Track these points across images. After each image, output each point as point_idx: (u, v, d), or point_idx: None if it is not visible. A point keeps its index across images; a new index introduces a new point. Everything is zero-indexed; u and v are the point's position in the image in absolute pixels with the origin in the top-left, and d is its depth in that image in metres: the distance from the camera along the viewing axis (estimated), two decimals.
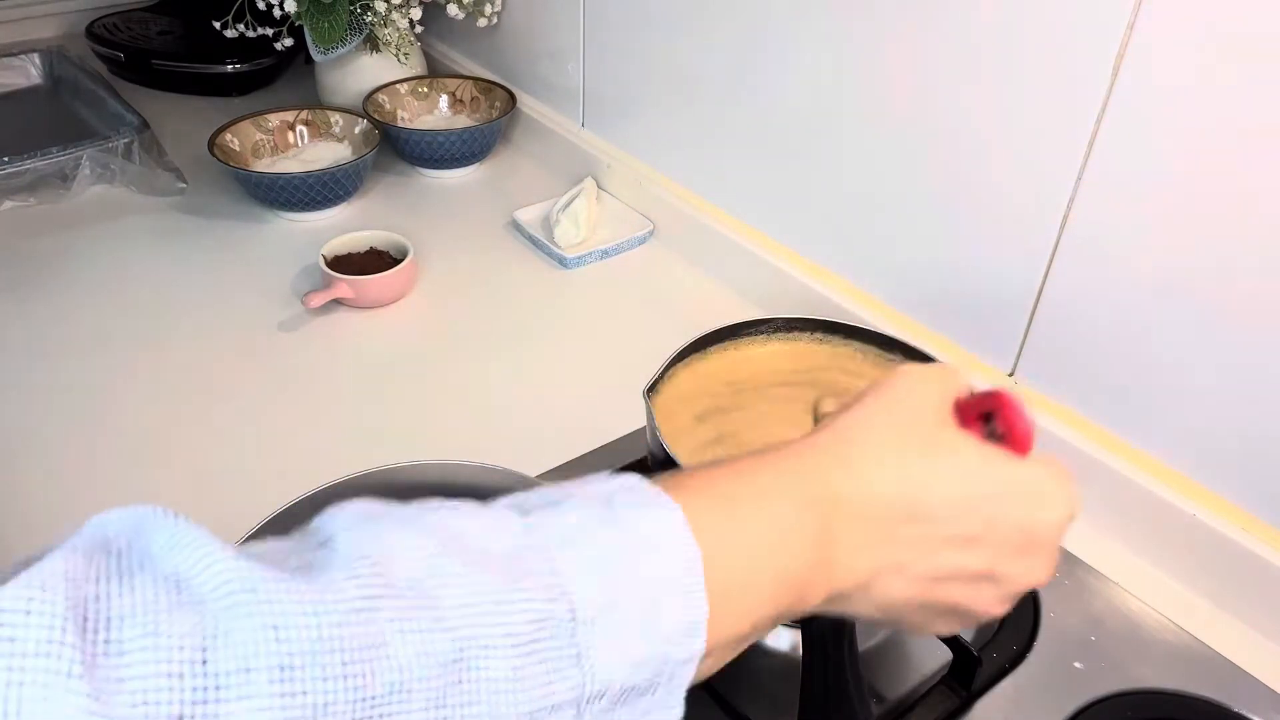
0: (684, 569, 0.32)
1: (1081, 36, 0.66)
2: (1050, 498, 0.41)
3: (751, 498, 0.36)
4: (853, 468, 0.38)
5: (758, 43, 0.89)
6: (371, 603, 0.27)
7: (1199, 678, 0.64)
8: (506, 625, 0.29)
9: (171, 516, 0.29)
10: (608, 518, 0.32)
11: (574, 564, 0.31)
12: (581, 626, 0.30)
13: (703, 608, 0.32)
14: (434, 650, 0.27)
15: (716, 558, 0.33)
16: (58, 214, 1.09)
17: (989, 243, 0.77)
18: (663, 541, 0.32)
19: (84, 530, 0.29)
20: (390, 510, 0.32)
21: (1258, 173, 0.60)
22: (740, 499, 0.36)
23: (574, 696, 0.30)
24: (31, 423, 0.82)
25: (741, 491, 0.36)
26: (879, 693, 0.63)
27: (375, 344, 0.93)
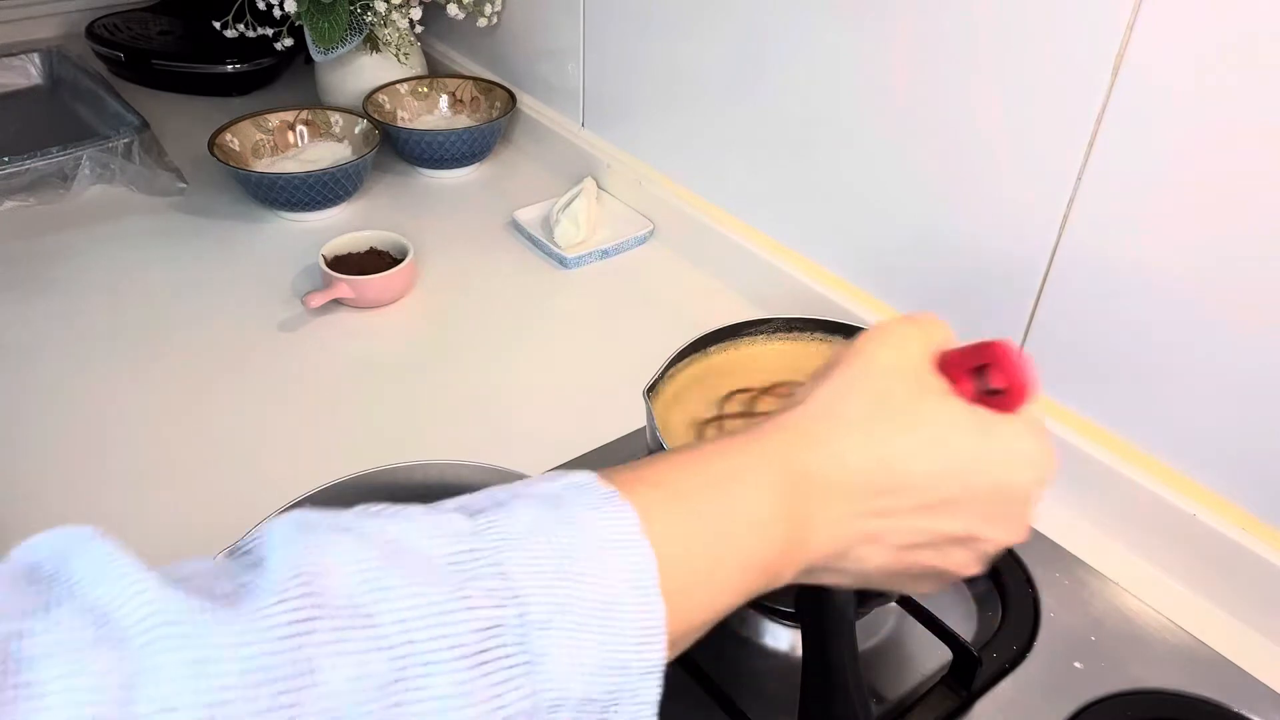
0: (638, 571, 0.31)
1: (1081, 36, 0.66)
2: (1027, 459, 0.40)
3: (713, 487, 0.35)
4: (822, 445, 0.38)
5: (758, 43, 0.89)
6: (303, 626, 0.26)
7: (1199, 678, 0.64)
8: (451, 637, 0.27)
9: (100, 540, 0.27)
10: (559, 518, 0.31)
11: (524, 566, 0.29)
12: (534, 630, 0.28)
13: (659, 611, 0.31)
14: (370, 673, 0.26)
15: (674, 555, 0.32)
16: (58, 214, 1.09)
17: (989, 243, 0.77)
18: (615, 544, 0.31)
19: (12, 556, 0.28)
20: (326, 519, 0.30)
21: (1258, 172, 0.60)
22: (700, 491, 0.35)
23: (528, 707, 0.28)
24: (31, 422, 0.82)
25: (702, 482, 0.35)
26: (879, 693, 0.63)
27: (375, 344, 0.93)
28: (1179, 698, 0.63)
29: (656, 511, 0.33)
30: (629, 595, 0.30)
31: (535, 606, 0.29)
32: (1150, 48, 0.63)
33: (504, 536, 0.30)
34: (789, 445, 0.37)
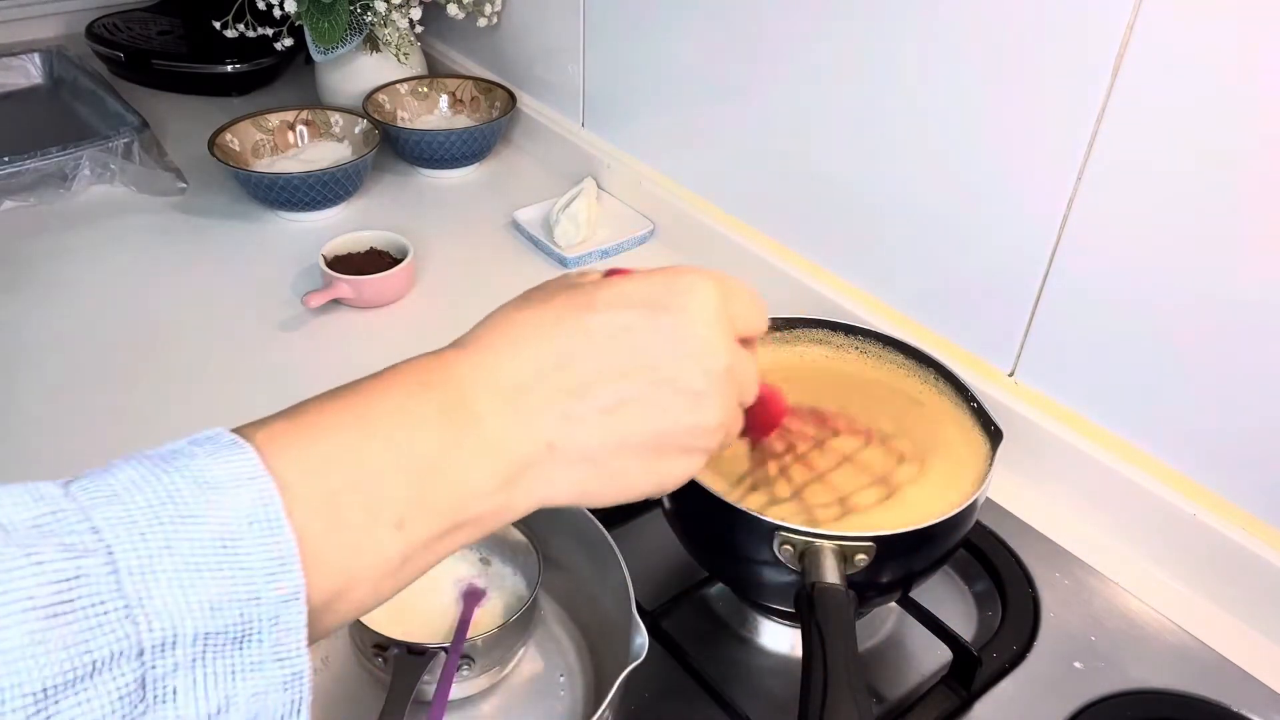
0: (258, 504, 0.31)
1: (1081, 37, 0.66)
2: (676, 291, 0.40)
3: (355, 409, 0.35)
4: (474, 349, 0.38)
5: (758, 43, 0.89)
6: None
7: (1199, 678, 0.64)
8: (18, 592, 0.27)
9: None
10: (166, 469, 0.31)
11: (117, 518, 0.29)
12: (128, 576, 0.28)
13: (288, 541, 0.31)
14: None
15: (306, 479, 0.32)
16: (58, 214, 1.09)
17: (989, 242, 0.77)
18: (230, 483, 0.31)
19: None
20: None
21: (1258, 172, 0.60)
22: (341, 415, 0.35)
23: (125, 648, 0.28)
24: (31, 422, 0.82)
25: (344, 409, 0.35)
26: (879, 693, 0.63)
27: (375, 344, 0.93)
28: (1179, 698, 0.63)
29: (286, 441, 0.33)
30: (249, 530, 0.30)
31: (128, 553, 0.29)
32: (1150, 48, 0.62)
33: (96, 494, 0.30)
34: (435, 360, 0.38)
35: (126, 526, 0.29)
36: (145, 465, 0.31)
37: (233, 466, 0.31)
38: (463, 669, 0.58)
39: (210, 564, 0.30)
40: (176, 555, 0.29)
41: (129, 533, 0.29)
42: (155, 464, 0.31)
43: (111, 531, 0.29)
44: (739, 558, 0.58)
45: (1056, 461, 0.76)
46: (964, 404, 0.64)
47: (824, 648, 0.48)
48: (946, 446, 0.61)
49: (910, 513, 0.56)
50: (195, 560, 0.29)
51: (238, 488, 0.31)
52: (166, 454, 0.32)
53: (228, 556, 0.30)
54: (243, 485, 0.31)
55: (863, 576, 0.54)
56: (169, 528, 0.29)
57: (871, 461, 0.60)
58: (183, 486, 0.30)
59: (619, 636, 0.56)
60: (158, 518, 0.29)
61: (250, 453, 0.32)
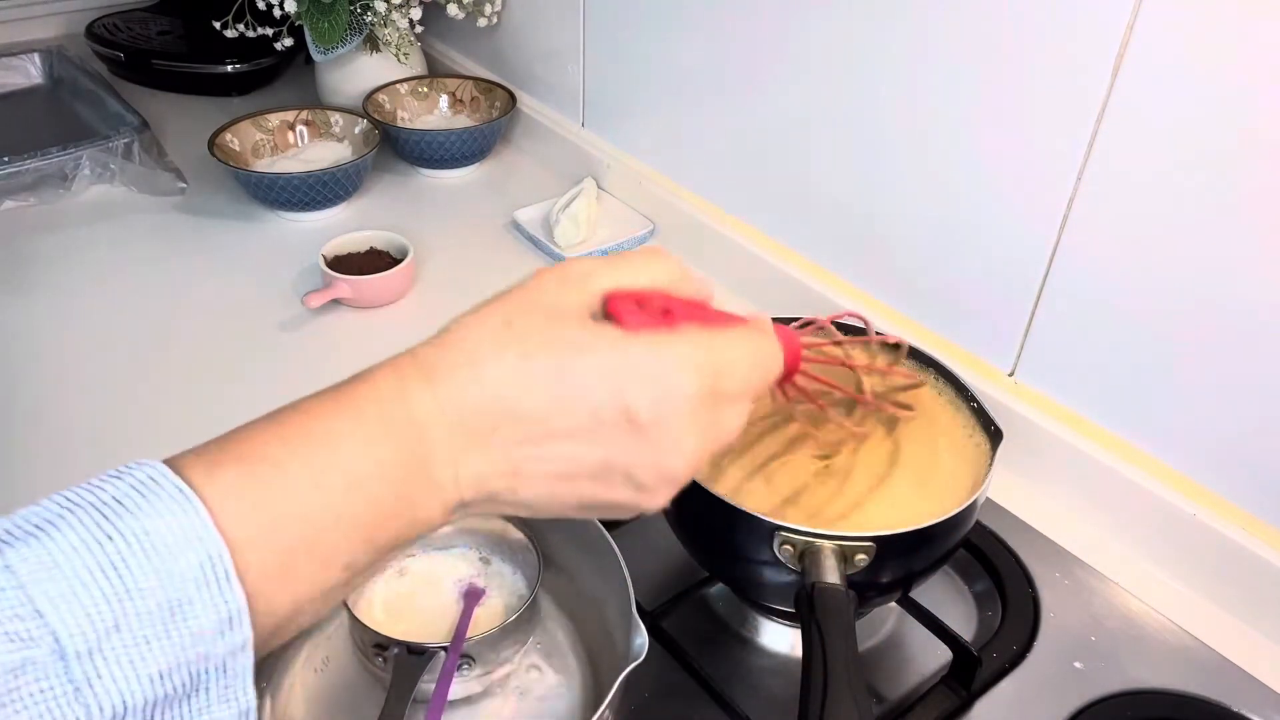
0: (206, 566, 0.30)
1: (1081, 36, 0.66)
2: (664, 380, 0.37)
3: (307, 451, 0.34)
4: (439, 381, 0.36)
5: (758, 42, 0.89)
6: None
7: (1199, 678, 0.64)
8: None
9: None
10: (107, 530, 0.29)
11: (59, 595, 0.28)
12: (75, 661, 0.28)
13: (236, 599, 0.30)
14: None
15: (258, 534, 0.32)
16: (58, 214, 1.09)
17: (989, 242, 0.77)
18: (178, 547, 0.30)
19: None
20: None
21: (1258, 171, 0.60)
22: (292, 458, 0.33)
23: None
24: (30, 422, 0.82)
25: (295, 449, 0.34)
26: (879, 693, 0.63)
27: (375, 344, 0.92)
28: (1179, 698, 0.63)
29: (239, 494, 0.32)
30: (198, 593, 0.30)
31: (74, 638, 0.28)
32: (1150, 48, 0.62)
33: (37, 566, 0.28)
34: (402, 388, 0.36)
35: (70, 605, 0.28)
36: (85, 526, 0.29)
37: (179, 525, 0.30)
38: (462, 668, 0.58)
39: (159, 633, 0.29)
40: (125, 632, 0.29)
41: (73, 613, 0.28)
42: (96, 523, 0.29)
43: (55, 614, 0.28)
44: (739, 558, 0.58)
45: (1056, 461, 0.76)
46: (964, 404, 0.64)
47: (824, 648, 0.48)
48: (946, 446, 0.61)
49: (909, 513, 0.56)
50: (144, 633, 0.29)
51: (186, 549, 0.30)
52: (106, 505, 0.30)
53: (177, 623, 0.29)
54: (190, 547, 0.30)
55: (863, 576, 0.54)
56: (115, 605, 0.29)
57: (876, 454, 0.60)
58: (127, 554, 0.29)
59: (619, 636, 0.56)
60: (103, 594, 0.28)
61: (198, 508, 0.31)
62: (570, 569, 0.64)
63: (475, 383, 0.36)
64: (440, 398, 0.36)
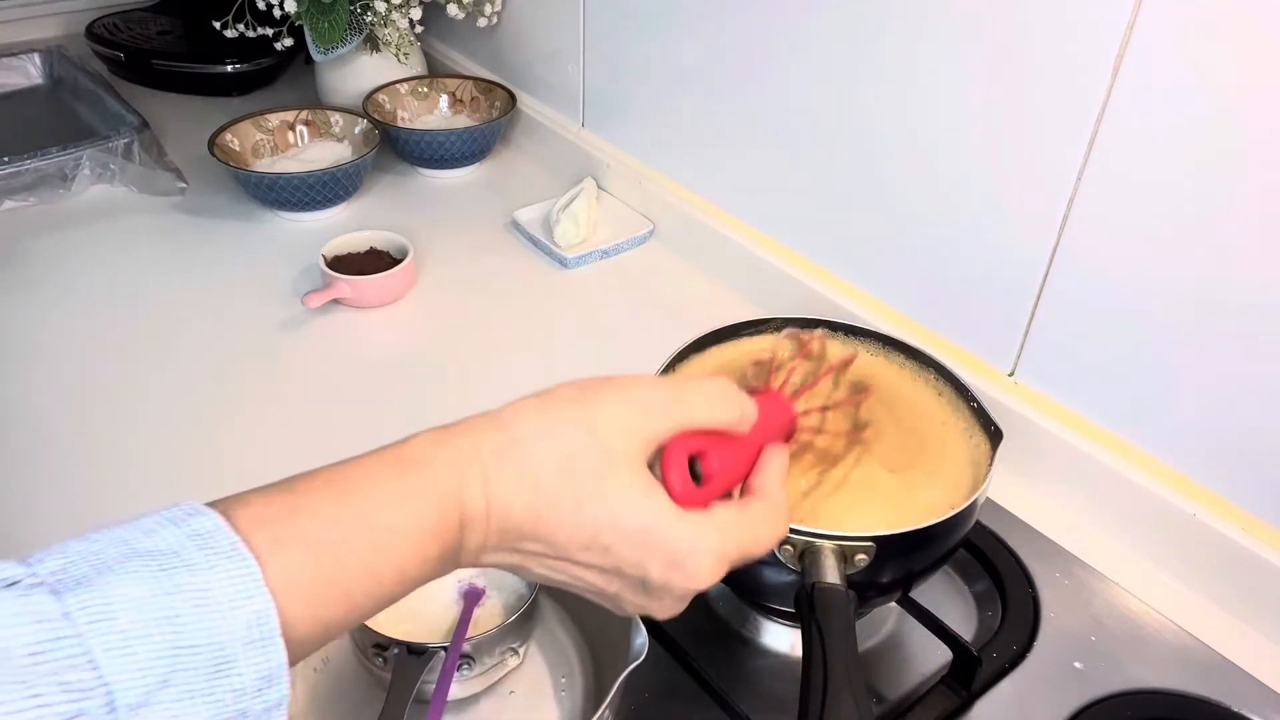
0: (254, 625, 0.31)
1: (1081, 36, 0.66)
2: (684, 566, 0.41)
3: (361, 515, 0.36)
4: (492, 487, 0.39)
5: (758, 43, 0.89)
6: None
7: (1199, 678, 0.64)
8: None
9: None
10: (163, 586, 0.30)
11: (115, 648, 0.29)
12: (126, 713, 0.29)
13: (279, 658, 0.32)
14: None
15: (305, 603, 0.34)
16: (58, 214, 1.09)
17: (989, 242, 0.77)
18: (230, 599, 0.31)
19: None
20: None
21: (1258, 171, 0.60)
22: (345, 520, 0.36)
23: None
24: (31, 422, 0.82)
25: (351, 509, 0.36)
26: (879, 693, 0.63)
27: (375, 344, 0.93)
28: (1179, 698, 0.63)
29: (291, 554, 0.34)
30: (244, 651, 0.31)
31: (127, 691, 0.29)
32: (1150, 48, 0.62)
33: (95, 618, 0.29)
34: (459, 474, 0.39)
35: (124, 659, 0.29)
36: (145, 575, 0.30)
37: (233, 583, 0.32)
38: (462, 668, 0.58)
39: (204, 689, 0.30)
40: (173, 688, 0.30)
41: (127, 667, 0.29)
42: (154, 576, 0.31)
43: (110, 666, 0.29)
44: None
45: (1056, 461, 0.76)
46: (964, 404, 0.64)
47: (824, 648, 0.48)
48: (946, 446, 0.61)
49: (910, 513, 0.56)
50: (191, 689, 0.30)
51: (236, 609, 0.31)
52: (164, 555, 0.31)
53: (220, 680, 0.31)
54: (240, 605, 0.31)
55: (863, 576, 0.54)
56: (167, 660, 0.30)
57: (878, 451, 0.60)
58: (182, 610, 0.30)
59: (619, 636, 0.56)
60: (156, 651, 0.30)
61: (252, 566, 0.32)
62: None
63: (524, 507, 0.39)
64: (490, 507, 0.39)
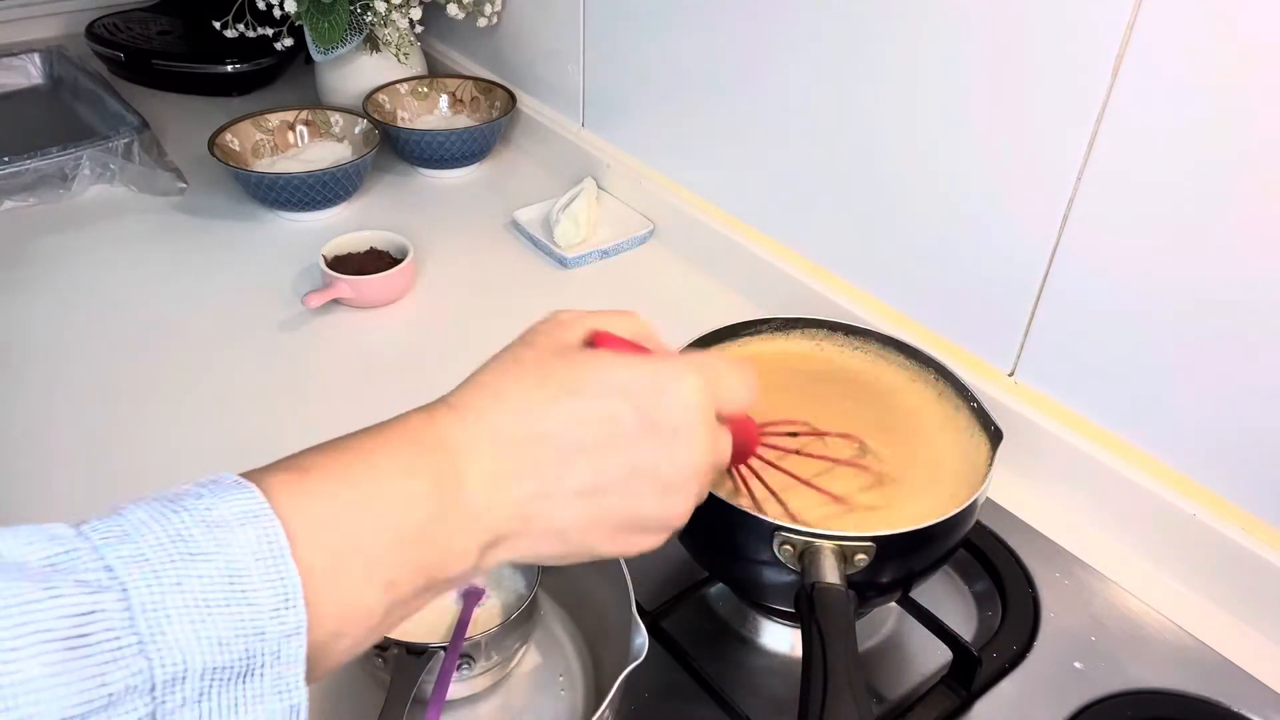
0: (264, 542, 0.32)
1: (1081, 36, 0.66)
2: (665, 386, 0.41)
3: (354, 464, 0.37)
4: (465, 412, 0.39)
5: (758, 43, 0.89)
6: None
7: (1199, 678, 0.64)
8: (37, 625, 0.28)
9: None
10: (175, 509, 0.32)
11: (129, 556, 0.30)
12: (141, 612, 0.29)
13: (294, 579, 0.32)
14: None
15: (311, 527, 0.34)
16: (58, 214, 1.09)
17: (989, 242, 0.77)
18: (237, 521, 0.32)
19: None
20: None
21: (1258, 171, 0.60)
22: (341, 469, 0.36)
23: (139, 683, 0.29)
24: (31, 422, 0.82)
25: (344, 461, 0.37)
26: (879, 693, 0.63)
27: (375, 344, 0.93)
28: (1179, 698, 0.63)
29: (291, 490, 0.34)
30: (256, 567, 0.32)
31: (141, 591, 0.30)
32: (1150, 48, 0.62)
33: (108, 534, 0.31)
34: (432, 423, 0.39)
35: (139, 564, 0.30)
36: (154, 507, 0.32)
37: (238, 505, 0.32)
38: (462, 668, 0.58)
39: (219, 600, 0.31)
40: (187, 592, 0.30)
41: (141, 571, 0.30)
42: (163, 505, 0.32)
43: (125, 570, 0.30)
44: (739, 558, 0.58)
45: (1056, 461, 0.76)
46: (964, 404, 0.64)
47: (824, 648, 0.48)
48: (946, 446, 0.61)
49: (909, 513, 0.56)
50: (205, 596, 0.30)
51: (243, 525, 0.32)
52: (173, 495, 0.33)
53: (235, 592, 0.31)
54: (248, 523, 0.32)
55: (863, 576, 0.54)
56: (180, 565, 0.30)
57: (868, 461, 0.60)
58: (191, 526, 0.31)
59: (619, 636, 0.56)
60: (169, 556, 0.30)
61: (255, 492, 0.33)
62: (570, 569, 0.64)
63: (498, 410, 0.39)
64: (468, 425, 0.39)
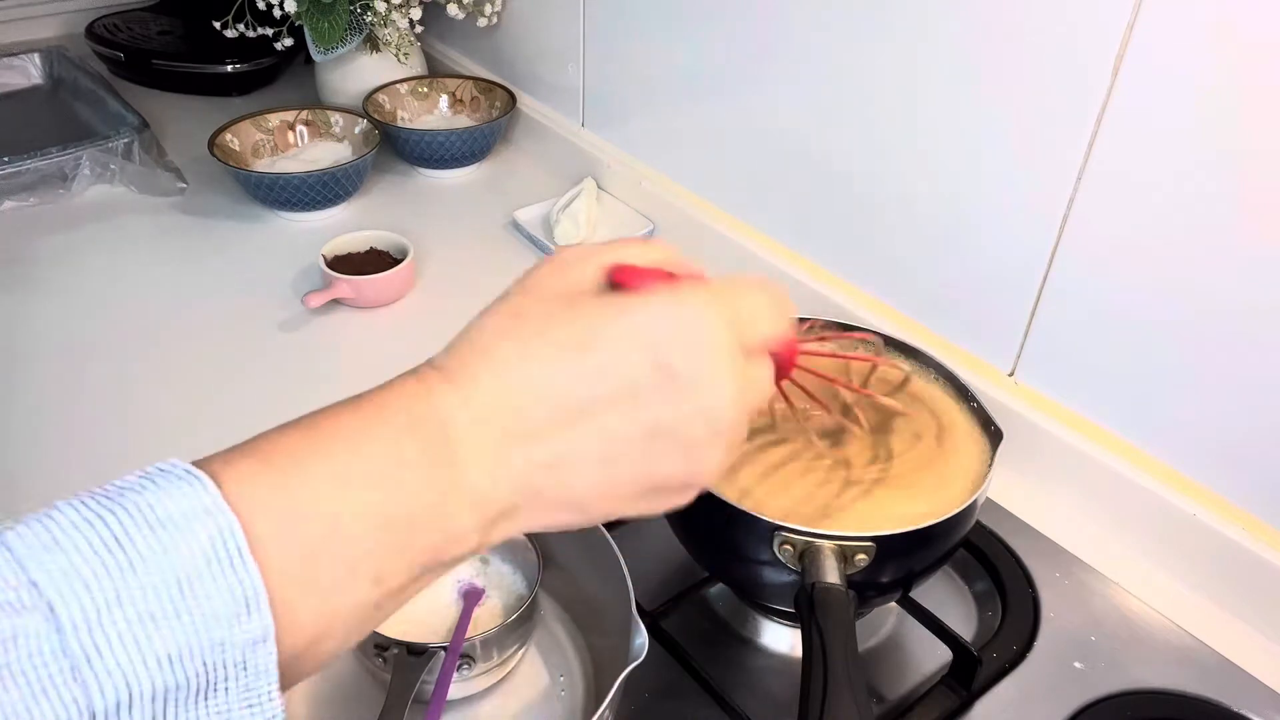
0: (217, 542, 0.28)
1: (1081, 36, 0.66)
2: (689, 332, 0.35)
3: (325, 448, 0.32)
4: (458, 376, 0.34)
5: (758, 43, 0.89)
6: None
7: (1199, 678, 0.64)
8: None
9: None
10: (112, 508, 0.28)
11: (56, 568, 0.26)
12: (73, 633, 0.26)
13: (254, 580, 0.28)
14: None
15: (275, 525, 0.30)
16: (58, 214, 1.09)
17: (989, 242, 0.77)
18: (184, 519, 0.28)
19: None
20: None
21: (1258, 171, 0.60)
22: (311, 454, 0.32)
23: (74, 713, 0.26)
24: (31, 423, 0.82)
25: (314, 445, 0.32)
26: (879, 693, 0.63)
27: (375, 344, 0.93)
28: (1179, 698, 0.63)
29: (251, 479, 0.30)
30: (209, 569, 0.28)
31: (70, 607, 0.26)
32: (1150, 48, 0.62)
33: (34, 543, 0.27)
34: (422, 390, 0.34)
35: (68, 577, 0.26)
36: (89, 506, 0.28)
37: (186, 500, 0.28)
38: (462, 668, 0.58)
39: (166, 611, 0.27)
40: (128, 605, 0.27)
41: (71, 584, 0.26)
42: (100, 503, 0.28)
43: (52, 585, 0.26)
44: (739, 558, 0.58)
45: (1056, 461, 0.76)
46: (964, 404, 0.64)
47: (824, 648, 0.48)
48: (946, 446, 0.61)
49: (909, 513, 0.56)
50: (149, 609, 0.27)
51: (192, 523, 0.28)
52: (113, 491, 0.29)
53: (185, 601, 0.27)
54: (198, 520, 0.28)
55: (863, 576, 0.54)
56: (117, 576, 0.27)
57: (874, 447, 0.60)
58: (130, 527, 0.28)
59: (619, 636, 0.56)
60: (104, 565, 0.27)
61: (206, 483, 0.29)
62: (570, 569, 0.64)
63: (492, 373, 0.34)
64: (463, 392, 0.34)
